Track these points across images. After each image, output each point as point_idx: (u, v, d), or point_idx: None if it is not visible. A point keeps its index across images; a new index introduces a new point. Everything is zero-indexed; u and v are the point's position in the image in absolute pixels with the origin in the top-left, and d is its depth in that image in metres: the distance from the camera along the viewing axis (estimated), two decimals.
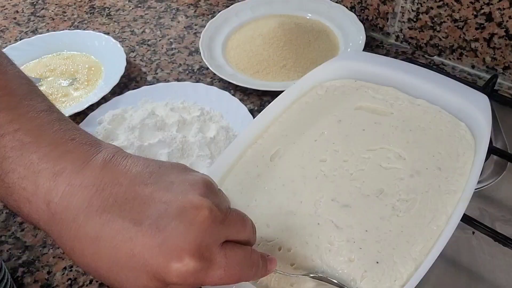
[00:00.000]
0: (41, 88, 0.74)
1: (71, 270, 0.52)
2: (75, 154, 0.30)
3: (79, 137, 0.31)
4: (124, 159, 0.31)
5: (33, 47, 0.81)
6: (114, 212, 0.28)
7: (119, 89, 0.73)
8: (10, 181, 0.29)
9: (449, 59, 0.73)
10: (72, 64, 0.79)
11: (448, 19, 0.68)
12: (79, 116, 0.68)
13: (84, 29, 0.87)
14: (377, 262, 0.40)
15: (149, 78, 0.76)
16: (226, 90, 0.70)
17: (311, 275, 0.40)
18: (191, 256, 0.28)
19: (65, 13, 0.93)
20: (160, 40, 0.84)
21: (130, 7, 0.93)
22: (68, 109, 0.68)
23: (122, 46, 0.78)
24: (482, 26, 0.66)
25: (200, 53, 0.75)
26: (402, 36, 0.77)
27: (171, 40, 0.84)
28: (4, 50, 0.81)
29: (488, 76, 0.67)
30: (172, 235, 0.28)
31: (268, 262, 0.35)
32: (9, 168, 0.29)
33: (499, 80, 0.69)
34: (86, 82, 0.75)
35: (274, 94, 0.61)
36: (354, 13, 0.79)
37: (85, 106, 0.68)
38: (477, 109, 0.50)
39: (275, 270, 0.37)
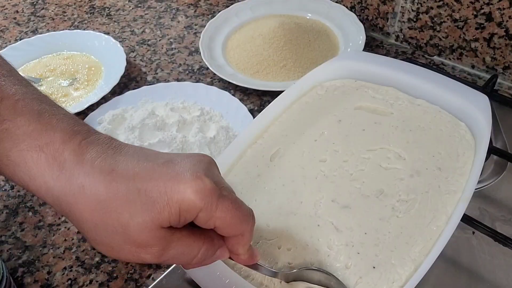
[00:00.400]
0: (41, 88, 0.74)
1: (71, 270, 0.52)
2: (87, 127, 0.33)
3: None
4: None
5: (33, 47, 0.81)
6: (129, 156, 0.31)
7: (119, 89, 0.73)
8: (21, 132, 0.30)
9: (449, 59, 0.73)
10: (72, 64, 0.79)
11: (448, 19, 0.68)
12: (79, 116, 0.67)
13: (84, 29, 0.88)
14: (374, 267, 0.40)
15: (149, 78, 0.76)
16: (226, 90, 0.70)
17: (295, 270, 0.40)
18: (207, 177, 0.30)
19: (65, 13, 0.93)
20: (160, 40, 0.84)
21: (130, 7, 0.93)
22: (68, 109, 0.68)
23: (122, 46, 0.78)
24: (482, 26, 0.66)
25: (200, 53, 0.75)
26: (402, 36, 0.77)
27: (171, 40, 0.84)
28: (4, 50, 0.81)
29: (488, 76, 0.67)
30: (187, 165, 0.30)
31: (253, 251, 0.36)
32: (24, 123, 0.30)
33: (499, 80, 0.69)
34: (86, 82, 0.75)
35: (274, 94, 0.60)
36: (354, 13, 0.79)
37: (85, 106, 0.68)
38: (477, 109, 0.50)
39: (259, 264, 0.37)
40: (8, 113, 0.30)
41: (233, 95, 0.69)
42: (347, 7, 0.80)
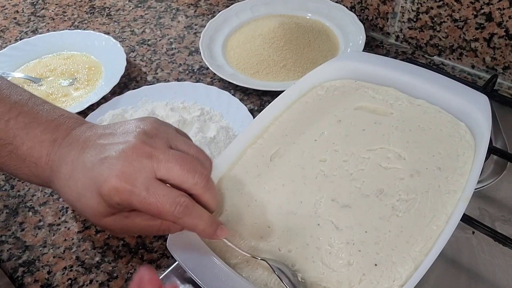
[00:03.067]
0: (41, 88, 0.74)
1: (71, 270, 0.52)
2: (65, 125, 0.40)
3: (66, 113, 0.42)
4: (98, 126, 0.41)
5: (33, 47, 0.81)
6: (85, 155, 0.38)
7: (119, 89, 0.73)
8: (22, 152, 0.40)
9: (449, 59, 0.73)
10: (73, 64, 0.79)
11: (448, 19, 0.69)
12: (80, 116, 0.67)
13: (84, 29, 0.88)
14: (376, 265, 0.40)
15: (149, 78, 0.76)
16: (226, 90, 0.70)
17: (268, 262, 0.40)
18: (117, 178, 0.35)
19: (65, 13, 0.94)
20: (160, 40, 0.84)
21: (130, 7, 0.93)
22: (68, 109, 0.68)
23: (122, 46, 0.78)
24: (482, 26, 0.66)
25: (200, 53, 0.75)
26: (402, 36, 0.77)
27: (171, 40, 0.84)
28: (4, 50, 0.81)
29: (488, 76, 0.67)
30: (105, 168, 0.36)
31: (219, 228, 0.39)
32: (19, 143, 0.40)
33: (499, 80, 0.69)
34: (86, 82, 0.75)
35: (274, 94, 0.61)
36: (354, 13, 0.79)
37: (86, 106, 0.68)
38: (477, 109, 0.50)
39: (229, 243, 0.40)
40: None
41: (233, 95, 0.69)
42: (347, 7, 0.80)
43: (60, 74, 0.77)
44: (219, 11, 0.83)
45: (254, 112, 0.68)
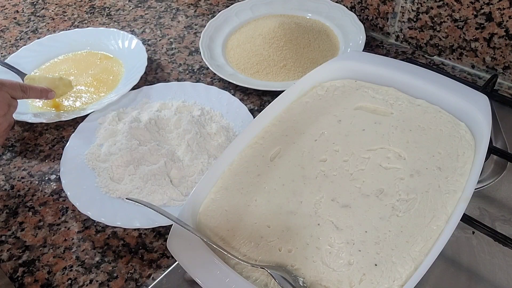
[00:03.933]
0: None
1: (71, 270, 0.52)
2: None
3: None
4: None
5: (60, 44, 0.82)
6: None
7: None
8: None
9: (449, 59, 0.73)
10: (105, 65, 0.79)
11: (448, 19, 0.69)
12: (80, 116, 0.68)
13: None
14: (376, 265, 0.40)
15: (149, 78, 0.76)
16: (226, 90, 0.70)
17: (269, 270, 0.40)
18: None
19: (65, 13, 0.94)
20: (160, 40, 0.84)
21: (130, 7, 0.93)
22: (89, 107, 0.69)
23: (145, 45, 0.77)
24: (482, 26, 0.66)
25: (200, 53, 0.75)
26: (402, 36, 0.77)
27: (171, 40, 0.84)
28: (29, 45, 0.82)
29: (488, 76, 0.67)
30: None
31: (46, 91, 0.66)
32: None
33: (499, 80, 0.69)
34: (107, 80, 0.75)
35: (274, 94, 0.61)
36: (354, 13, 0.79)
37: (105, 104, 0.68)
38: (477, 109, 0.50)
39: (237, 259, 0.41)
40: None
41: (233, 95, 0.69)
42: (347, 7, 0.80)
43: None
44: (219, 11, 0.83)
45: (254, 112, 0.68)
